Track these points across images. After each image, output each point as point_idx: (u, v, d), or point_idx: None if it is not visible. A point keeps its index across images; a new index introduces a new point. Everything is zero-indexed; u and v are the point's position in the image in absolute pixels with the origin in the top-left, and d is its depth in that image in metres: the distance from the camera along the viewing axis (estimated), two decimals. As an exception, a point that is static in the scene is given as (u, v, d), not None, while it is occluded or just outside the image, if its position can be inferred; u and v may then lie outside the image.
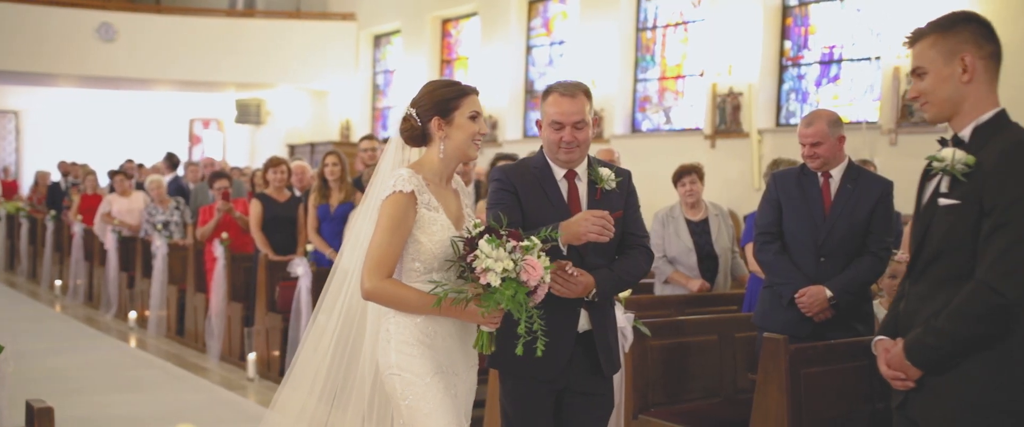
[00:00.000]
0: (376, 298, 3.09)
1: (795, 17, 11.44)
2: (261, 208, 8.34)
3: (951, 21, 2.84)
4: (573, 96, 3.58)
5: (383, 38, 18.61)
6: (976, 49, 2.79)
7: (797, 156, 6.49)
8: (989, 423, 2.74)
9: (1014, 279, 2.64)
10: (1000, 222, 2.67)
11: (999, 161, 2.70)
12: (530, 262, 2.98)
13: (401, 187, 3.06)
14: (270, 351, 8.03)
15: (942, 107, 2.84)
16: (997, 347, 2.72)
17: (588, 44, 13.54)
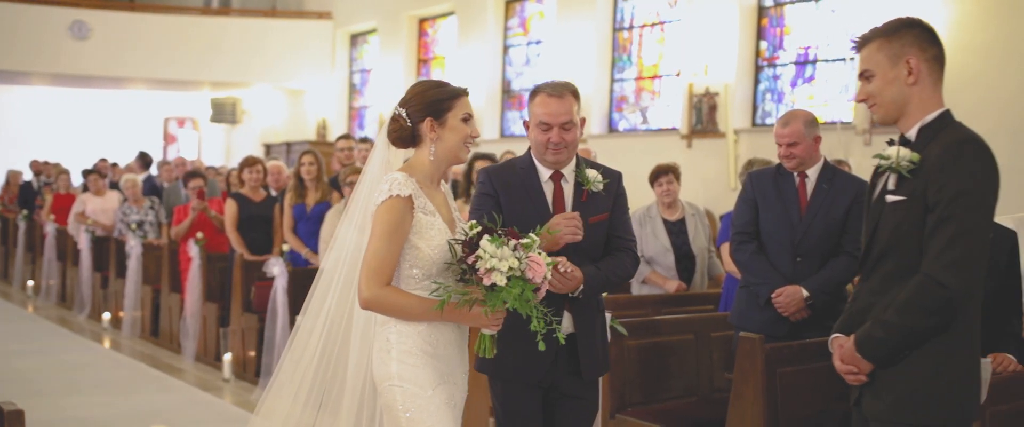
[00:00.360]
0: (376, 307, 3.00)
1: (771, 18, 11.50)
2: (236, 207, 8.30)
3: (895, 26, 2.96)
4: (561, 96, 3.55)
5: (359, 37, 18.55)
6: (920, 52, 2.91)
7: (773, 156, 6.52)
8: (930, 413, 2.83)
9: (955, 272, 2.73)
10: (943, 216, 2.76)
11: (941, 157, 2.81)
12: (534, 259, 2.94)
13: (398, 191, 2.98)
14: (246, 351, 7.98)
15: (889, 109, 2.95)
16: (942, 339, 2.82)
17: (565, 44, 13.56)
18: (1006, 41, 8.86)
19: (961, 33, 9.18)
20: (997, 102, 8.85)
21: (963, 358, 2.84)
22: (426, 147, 3.12)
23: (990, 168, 2.81)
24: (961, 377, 2.84)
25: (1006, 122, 8.61)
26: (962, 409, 2.86)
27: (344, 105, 18.72)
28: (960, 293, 2.74)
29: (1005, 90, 8.83)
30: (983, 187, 2.78)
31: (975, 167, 2.78)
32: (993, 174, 2.82)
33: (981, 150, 2.81)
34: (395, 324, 3.04)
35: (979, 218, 2.76)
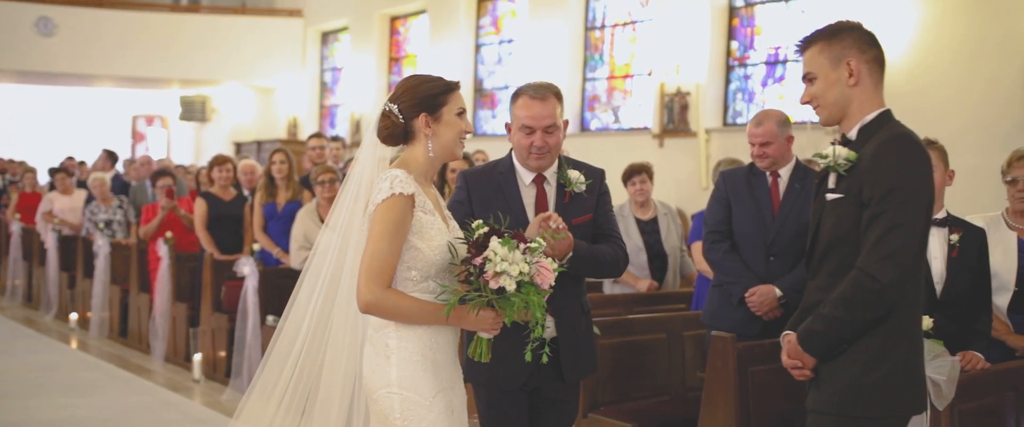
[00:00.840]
0: (377, 310, 2.88)
1: (741, 18, 11.57)
2: (206, 206, 8.24)
3: (836, 29, 3.03)
4: (544, 99, 3.48)
5: (331, 35, 18.45)
6: (860, 54, 2.97)
7: (744, 156, 6.55)
8: (867, 403, 2.87)
9: (888, 265, 2.79)
10: (876, 212, 2.83)
11: (875, 154, 2.88)
12: (543, 264, 2.86)
13: (400, 189, 2.86)
14: (216, 352, 7.92)
15: (832, 110, 3.02)
16: (879, 331, 2.87)
17: (537, 43, 13.56)
18: (973, 42, 8.95)
19: (929, 34, 9.28)
20: (965, 102, 8.95)
21: (900, 351, 2.88)
22: (421, 143, 3.01)
23: (921, 163, 2.87)
24: (898, 370, 2.88)
25: (974, 122, 8.70)
26: (900, 402, 2.90)
27: (315, 103, 18.62)
28: (893, 286, 2.79)
29: (973, 90, 8.93)
30: (914, 182, 2.83)
31: (907, 163, 2.85)
32: (924, 169, 2.88)
33: (912, 146, 2.88)
34: (394, 328, 2.93)
35: (911, 212, 2.81)
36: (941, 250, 3.94)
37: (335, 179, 7.23)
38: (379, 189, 2.88)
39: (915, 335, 2.94)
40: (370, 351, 2.97)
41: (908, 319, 2.90)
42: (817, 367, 2.99)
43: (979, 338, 3.90)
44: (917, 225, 2.82)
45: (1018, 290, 4.22)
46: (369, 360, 2.96)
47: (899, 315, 2.87)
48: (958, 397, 3.51)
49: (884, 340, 2.87)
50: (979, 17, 8.92)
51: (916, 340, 2.95)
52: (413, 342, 2.92)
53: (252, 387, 3.20)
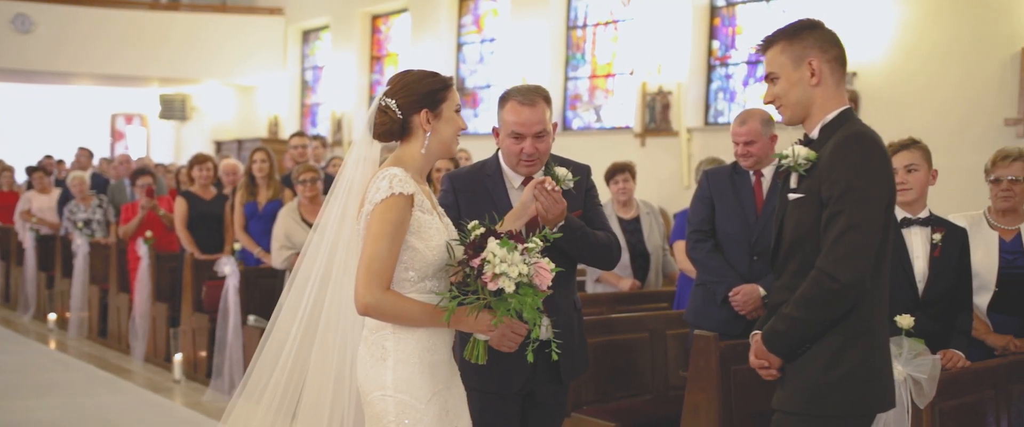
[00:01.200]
0: (377, 313, 2.81)
1: (723, 17, 11.60)
2: (186, 206, 8.20)
3: (797, 28, 3.03)
4: (533, 104, 3.39)
5: (312, 33, 18.37)
6: (821, 53, 2.98)
7: (725, 155, 6.56)
8: (827, 401, 2.88)
9: (846, 265, 2.79)
10: (835, 211, 2.84)
11: (832, 153, 2.89)
12: (541, 266, 2.81)
13: (400, 189, 2.80)
14: (197, 352, 7.88)
15: (795, 110, 3.03)
16: (840, 330, 2.88)
17: (519, 42, 13.55)
18: (951, 43, 9.02)
19: (908, 35, 9.34)
20: (942, 102, 9.01)
21: (861, 349, 2.89)
22: (417, 140, 2.94)
23: (878, 162, 2.87)
24: (859, 368, 2.88)
25: (951, 122, 8.77)
26: (862, 400, 2.90)
27: (296, 102, 18.54)
28: (850, 286, 2.80)
29: (950, 90, 9.00)
30: (871, 181, 2.83)
31: (863, 162, 2.84)
32: (881, 167, 2.88)
33: (869, 144, 2.88)
34: (392, 330, 2.87)
35: (868, 212, 2.81)
36: (923, 249, 3.95)
37: (317, 178, 7.21)
38: (377, 188, 2.81)
39: (877, 333, 2.95)
40: (364, 352, 2.91)
41: (869, 317, 2.91)
42: (783, 367, 3.00)
43: (959, 337, 3.92)
44: (874, 224, 2.82)
45: (998, 290, 4.26)
46: (364, 362, 2.90)
47: (859, 314, 2.88)
48: (939, 395, 3.54)
49: (845, 339, 2.88)
50: (957, 18, 8.98)
51: (879, 338, 2.95)
52: (411, 344, 2.86)
53: (240, 390, 3.14)
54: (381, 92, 2.98)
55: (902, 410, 3.47)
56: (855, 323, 2.88)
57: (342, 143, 16.45)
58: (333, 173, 8.89)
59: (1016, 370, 4.05)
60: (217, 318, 7.41)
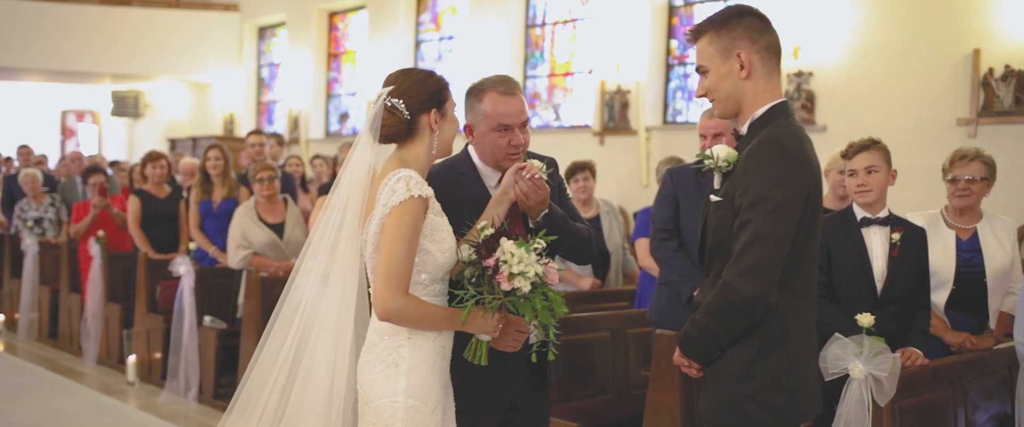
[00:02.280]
0: (400, 317, 2.76)
1: (681, 17, 11.65)
2: (139, 204, 8.07)
3: (726, 17, 2.84)
4: (514, 94, 3.21)
5: (268, 30, 18.16)
6: (750, 44, 2.81)
7: (684, 153, 6.58)
8: (743, 412, 2.81)
9: (748, 278, 2.67)
10: (744, 220, 2.71)
11: (746, 159, 2.77)
12: (549, 266, 2.79)
13: (419, 191, 2.76)
14: (151, 354, 7.75)
15: (727, 104, 2.88)
16: (755, 340, 2.79)
17: (477, 40, 13.51)
18: (907, 43, 9.13)
19: (862, 35, 9.45)
20: (898, 102, 9.12)
21: (777, 361, 2.78)
22: (423, 140, 2.90)
23: (792, 171, 2.71)
24: (776, 380, 2.78)
25: (903, 122, 8.87)
26: (779, 412, 2.80)
27: (252, 99, 18.32)
28: (753, 300, 2.68)
29: (902, 91, 9.11)
30: (782, 192, 2.68)
31: (775, 172, 2.70)
32: (796, 176, 2.71)
33: (784, 152, 2.72)
34: (407, 335, 2.81)
35: (775, 224, 2.68)
36: (882, 249, 3.99)
37: (274, 176, 7.13)
38: (393, 190, 2.76)
39: (794, 342, 2.82)
40: (372, 358, 2.85)
41: (784, 328, 2.78)
42: (705, 372, 2.94)
43: (918, 335, 3.96)
44: (782, 236, 2.68)
45: (956, 288, 4.31)
46: (371, 368, 2.84)
47: (772, 324, 2.76)
48: (898, 393, 3.56)
49: (759, 350, 2.78)
50: (911, 19, 9.09)
51: (797, 347, 2.82)
52: (426, 349, 2.83)
53: (233, 404, 3.03)
54: (384, 93, 2.89)
55: (863, 408, 3.50)
56: (770, 334, 2.77)
57: (299, 141, 16.30)
58: (290, 172, 8.81)
59: (973, 367, 4.11)
60: (172, 319, 7.30)
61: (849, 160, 4.08)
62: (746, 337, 2.78)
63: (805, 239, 2.78)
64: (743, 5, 2.88)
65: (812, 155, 2.80)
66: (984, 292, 4.35)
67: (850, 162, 4.07)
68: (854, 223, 4.05)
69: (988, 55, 8.55)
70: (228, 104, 18.52)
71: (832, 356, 3.53)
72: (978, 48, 8.58)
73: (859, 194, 4.03)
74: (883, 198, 4.06)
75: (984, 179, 4.35)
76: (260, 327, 6.56)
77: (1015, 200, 7.78)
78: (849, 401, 3.50)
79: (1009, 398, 4.26)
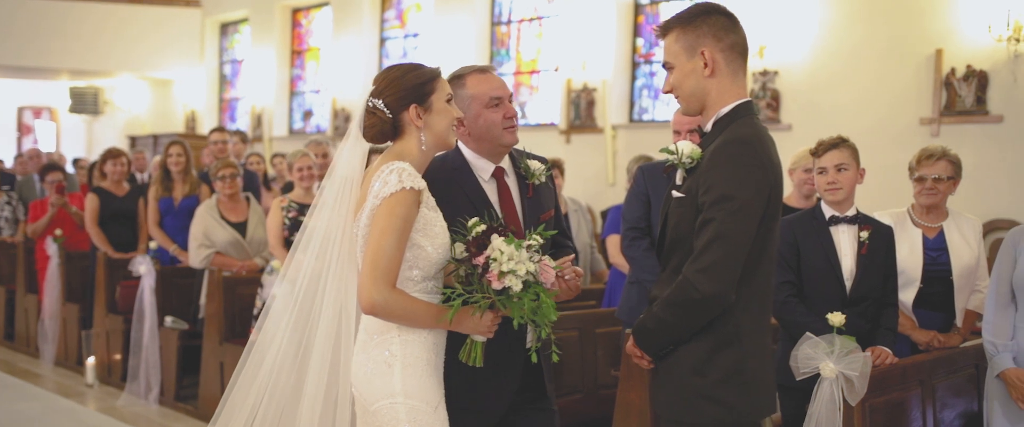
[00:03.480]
0: (385, 312, 2.68)
1: (647, 15, 11.66)
2: (98, 202, 7.93)
3: (692, 15, 2.85)
4: (493, 71, 3.23)
5: (230, 26, 17.95)
6: (715, 42, 2.82)
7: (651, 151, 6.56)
8: (693, 408, 2.82)
9: (708, 276, 2.68)
10: (706, 218, 2.72)
11: (711, 157, 2.78)
12: (544, 263, 2.71)
13: (411, 183, 2.69)
14: (111, 355, 7.62)
15: (691, 101, 2.89)
16: (709, 337, 2.79)
17: (443, 37, 13.44)
18: (868, 44, 9.19)
19: (828, 35, 9.50)
20: (859, 101, 9.18)
21: (730, 358, 2.79)
22: (413, 137, 2.84)
23: (755, 171, 2.73)
24: (728, 378, 2.78)
25: (867, 121, 8.94)
26: (732, 409, 2.80)
27: (214, 96, 18.10)
28: (711, 298, 2.70)
29: (866, 90, 9.18)
30: (745, 192, 2.70)
31: (739, 171, 2.71)
32: (757, 178, 2.73)
33: (748, 152, 2.73)
34: (398, 333, 2.74)
35: (737, 223, 2.69)
36: (851, 247, 3.99)
37: (236, 174, 7.02)
38: (385, 182, 2.69)
39: (748, 340, 2.82)
40: (364, 359, 2.77)
41: (738, 326, 2.79)
42: (656, 366, 2.93)
43: (886, 333, 3.97)
44: (743, 236, 2.70)
45: (923, 286, 4.32)
46: (364, 370, 2.76)
47: (726, 322, 2.77)
48: (868, 392, 3.56)
49: (712, 347, 2.78)
50: (875, 19, 9.16)
51: (751, 345, 2.83)
52: (418, 347, 2.75)
53: (221, 410, 2.93)
54: (366, 94, 2.86)
55: (834, 408, 3.49)
56: (723, 331, 2.78)
57: (262, 139, 16.12)
58: (253, 169, 8.69)
59: (941, 365, 4.12)
60: (132, 319, 7.17)
61: (818, 158, 4.08)
62: (700, 333, 2.79)
63: (764, 240, 2.79)
64: (711, 3, 2.89)
65: (775, 156, 2.81)
66: (951, 290, 4.36)
67: (819, 160, 4.07)
68: (822, 222, 4.05)
69: (950, 55, 8.64)
70: (190, 101, 18.29)
71: (803, 356, 3.52)
72: (940, 48, 8.66)
73: (829, 192, 4.03)
74: (851, 196, 4.06)
75: (950, 178, 4.37)
76: (223, 328, 6.49)
77: (977, 198, 7.87)
78: (820, 400, 3.50)
79: (976, 395, 4.29)
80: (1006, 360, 3.63)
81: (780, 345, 4.01)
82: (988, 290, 3.86)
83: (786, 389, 3.93)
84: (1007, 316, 3.71)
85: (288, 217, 6.26)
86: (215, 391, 6.46)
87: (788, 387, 3.84)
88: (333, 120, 14.97)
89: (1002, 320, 3.71)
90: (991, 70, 8.40)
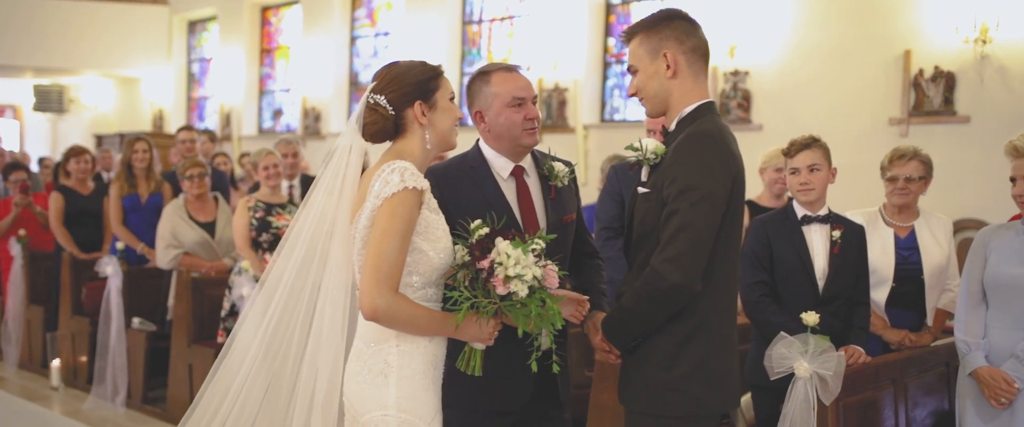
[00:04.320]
0: (388, 317, 2.54)
1: (618, 15, 11.67)
2: (63, 202, 7.80)
3: (655, 20, 2.95)
4: (519, 70, 3.19)
5: (198, 24, 17.77)
6: (677, 45, 2.91)
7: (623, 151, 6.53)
8: (660, 400, 2.85)
9: (675, 265, 2.73)
10: (671, 210, 2.78)
11: (674, 151, 2.85)
12: (549, 268, 2.63)
13: (413, 183, 2.57)
14: (76, 357, 7.50)
15: (654, 102, 2.98)
16: (675, 330, 2.84)
17: (414, 36, 13.39)
18: (837, 44, 9.26)
19: (797, 35, 9.55)
20: (829, 101, 9.24)
21: (697, 351, 2.83)
22: (415, 136, 2.73)
23: (717, 163, 2.79)
24: (695, 370, 2.83)
25: (836, 120, 8.99)
26: (702, 402, 2.85)
27: (182, 95, 17.92)
28: (678, 288, 2.73)
29: (836, 90, 9.24)
30: (709, 182, 2.76)
31: (702, 162, 2.78)
32: (722, 168, 2.79)
33: (711, 144, 2.80)
34: (396, 341, 2.62)
35: (702, 213, 2.74)
36: (823, 247, 4.00)
37: (204, 173, 6.94)
38: (387, 182, 2.57)
39: (716, 332, 2.87)
40: (358, 367, 2.65)
41: (704, 319, 2.84)
42: (624, 360, 2.97)
43: (858, 332, 3.97)
44: (708, 226, 2.75)
45: (895, 285, 4.34)
46: (358, 378, 2.64)
47: (692, 315, 2.82)
48: (842, 392, 3.56)
49: (679, 341, 2.83)
50: (845, 20, 9.22)
51: (718, 337, 2.88)
52: (416, 357, 2.63)
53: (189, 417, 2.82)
54: (368, 89, 2.76)
55: (808, 407, 3.49)
56: (689, 324, 2.82)
57: (231, 138, 15.98)
58: (221, 169, 8.59)
59: (913, 364, 4.14)
60: (98, 321, 7.07)
61: (791, 158, 4.08)
62: (667, 326, 2.83)
63: (729, 233, 2.85)
64: (673, 9, 3.00)
65: (736, 150, 2.88)
66: (922, 289, 4.38)
67: (792, 160, 4.07)
68: (795, 222, 4.06)
69: (918, 56, 8.72)
70: (157, 100, 18.09)
71: (777, 355, 3.52)
72: (909, 49, 8.74)
73: (801, 192, 4.04)
74: (824, 196, 4.07)
75: (922, 178, 4.39)
76: (191, 329, 6.40)
77: (944, 198, 7.94)
78: (794, 400, 3.50)
79: (946, 394, 4.32)
80: (978, 359, 3.65)
81: (754, 345, 4.01)
82: (959, 290, 3.88)
83: (760, 389, 3.94)
84: (978, 315, 3.74)
85: (255, 217, 6.19)
86: (184, 394, 6.37)
87: (762, 387, 3.85)
88: (303, 119, 14.86)
89: (974, 319, 3.73)
90: (958, 71, 8.49)
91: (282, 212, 6.29)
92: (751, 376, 3.98)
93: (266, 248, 6.20)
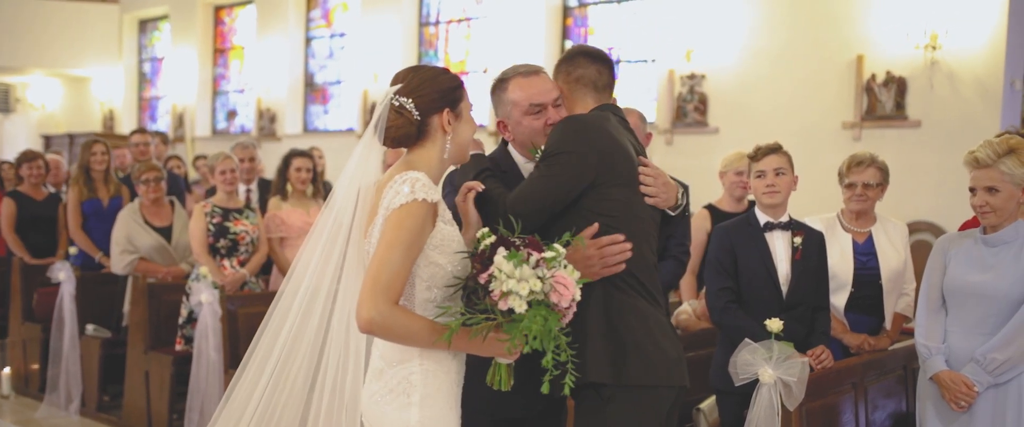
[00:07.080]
0: (382, 330, 2.42)
1: (575, 18, 11.71)
2: (15, 207, 7.64)
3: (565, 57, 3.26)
4: (537, 73, 3.12)
5: (150, 23, 17.51)
6: (565, 76, 3.17)
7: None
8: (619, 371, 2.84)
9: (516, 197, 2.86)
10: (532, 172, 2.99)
11: (550, 133, 3.00)
12: (560, 279, 2.44)
13: (424, 195, 2.45)
14: (28, 365, 7.36)
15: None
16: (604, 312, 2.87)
17: (370, 37, 13.31)
18: (792, 48, 9.38)
19: (753, 39, 9.67)
20: (784, 105, 9.37)
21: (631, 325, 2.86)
22: (434, 144, 2.62)
23: (585, 133, 2.92)
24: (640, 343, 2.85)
25: (791, 125, 9.11)
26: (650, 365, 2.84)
27: (133, 95, 17.63)
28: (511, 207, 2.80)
29: (790, 94, 9.37)
30: (567, 146, 2.87)
31: (567, 134, 2.91)
32: (584, 140, 2.90)
33: (580, 121, 2.97)
34: (419, 360, 2.51)
35: (557, 170, 2.85)
36: (786, 253, 4.05)
37: (160, 177, 6.83)
38: (396, 192, 2.46)
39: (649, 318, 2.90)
40: (379, 388, 2.55)
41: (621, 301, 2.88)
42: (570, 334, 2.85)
43: (821, 337, 4.03)
44: (558, 181, 2.85)
45: (854, 290, 4.41)
46: (379, 400, 2.55)
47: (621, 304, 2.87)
48: (806, 397, 3.61)
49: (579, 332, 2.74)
50: (799, 24, 9.35)
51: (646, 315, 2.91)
52: (441, 377, 2.53)
53: None
54: (391, 91, 2.62)
55: (772, 413, 3.54)
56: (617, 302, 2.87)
57: (184, 139, 15.76)
58: (175, 172, 8.46)
59: (872, 368, 4.21)
60: (51, 328, 6.93)
61: (757, 162, 4.12)
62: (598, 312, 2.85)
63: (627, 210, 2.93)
64: (577, 46, 3.30)
65: (614, 132, 2.99)
66: (880, 294, 4.46)
67: (758, 164, 4.11)
68: (758, 228, 4.10)
69: (871, 61, 8.87)
70: (108, 99, 17.79)
71: (742, 361, 3.56)
72: (861, 54, 8.89)
73: (767, 195, 4.07)
74: (786, 202, 4.12)
75: (879, 184, 4.47)
76: (147, 336, 6.30)
77: (897, 201, 8.06)
78: (759, 406, 3.54)
79: (904, 396, 4.40)
80: (939, 363, 3.72)
81: (719, 350, 4.05)
82: (920, 295, 3.95)
83: (725, 394, 3.97)
84: (938, 320, 3.80)
85: (212, 222, 6.12)
86: (140, 401, 6.27)
87: (727, 392, 3.88)
88: (258, 120, 14.71)
89: (933, 324, 3.80)
90: (909, 76, 8.66)
91: (239, 217, 6.22)
92: (717, 381, 4.02)
93: (224, 254, 6.12)
